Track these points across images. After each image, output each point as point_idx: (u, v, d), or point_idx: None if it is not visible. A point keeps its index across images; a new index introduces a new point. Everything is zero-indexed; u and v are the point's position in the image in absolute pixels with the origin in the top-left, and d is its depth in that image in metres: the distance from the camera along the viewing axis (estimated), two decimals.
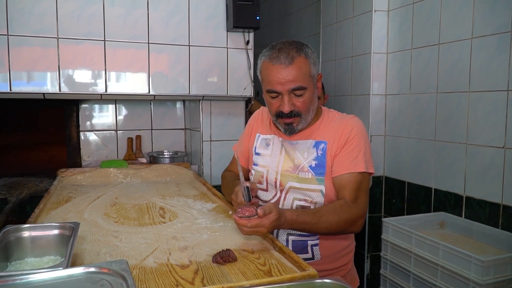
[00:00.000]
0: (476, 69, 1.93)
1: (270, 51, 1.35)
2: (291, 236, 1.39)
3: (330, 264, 1.40)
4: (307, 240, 1.39)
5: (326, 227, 1.26)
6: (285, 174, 1.42)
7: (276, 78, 1.31)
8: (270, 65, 1.33)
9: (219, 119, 2.50)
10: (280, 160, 1.44)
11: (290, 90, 1.32)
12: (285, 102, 1.32)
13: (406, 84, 2.38)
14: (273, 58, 1.32)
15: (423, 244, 1.77)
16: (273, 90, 1.33)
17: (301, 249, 1.38)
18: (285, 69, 1.30)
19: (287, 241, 1.40)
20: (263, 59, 1.37)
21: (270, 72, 1.33)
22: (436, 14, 2.15)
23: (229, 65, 2.37)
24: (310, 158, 1.39)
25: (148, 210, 1.64)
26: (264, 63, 1.36)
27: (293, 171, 1.41)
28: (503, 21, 1.79)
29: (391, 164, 2.52)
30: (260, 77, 1.41)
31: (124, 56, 2.17)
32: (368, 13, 2.50)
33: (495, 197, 1.84)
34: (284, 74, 1.30)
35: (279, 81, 1.31)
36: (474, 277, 1.51)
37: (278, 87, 1.32)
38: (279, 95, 1.34)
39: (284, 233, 1.40)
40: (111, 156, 2.67)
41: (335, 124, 1.41)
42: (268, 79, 1.34)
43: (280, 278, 0.95)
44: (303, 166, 1.39)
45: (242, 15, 2.21)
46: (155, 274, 1.01)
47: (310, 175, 1.38)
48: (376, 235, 2.44)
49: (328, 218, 1.25)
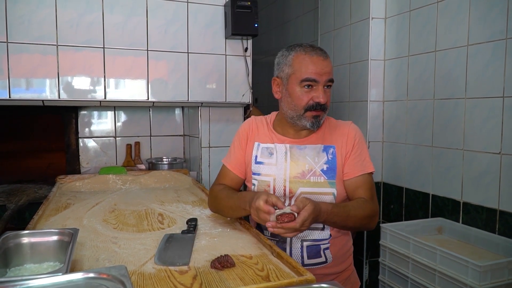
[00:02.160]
0: (472, 76, 1.95)
1: (302, 47, 1.39)
2: (305, 242, 1.42)
3: (339, 266, 1.46)
4: (320, 244, 1.42)
5: (353, 221, 1.32)
6: (294, 180, 1.42)
7: (316, 67, 1.35)
8: (308, 57, 1.37)
9: (217, 126, 2.52)
10: (286, 168, 1.44)
11: (326, 81, 1.37)
12: (322, 93, 1.37)
13: (403, 91, 2.40)
14: (310, 51, 1.37)
15: (421, 250, 1.77)
16: (312, 78, 1.36)
17: (315, 253, 1.42)
18: (324, 61, 1.37)
19: (302, 247, 1.42)
20: (297, 53, 1.39)
21: (308, 63, 1.36)
22: (433, 21, 2.17)
23: (227, 72, 2.39)
24: (322, 162, 1.43)
25: (147, 216, 1.64)
26: (299, 56, 1.38)
27: (302, 177, 1.42)
28: (498, 29, 1.82)
29: (389, 170, 2.53)
30: (290, 70, 1.40)
31: (123, 63, 2.19)
32: (365, 21, 2.53)
33: (492, 202, 1.85)
34: (323, 65, 1.36)
35: (318, 71, 1.35)
36: (472, 282, 1.52)
37: (317, 76, 1.36)
38: (314, 86, 1.37)
39: (298, 240, 1.42)
40: (110, 163, 2.67)
41: (338, 130, 1.48)
42: (306, 68, 1.36)
43: (278, 283, 0.96)
44: (315, 170, 1.42)
45: (240, 22, 2.24)
46: (153, 279, 1.02)
47: (323, 179, 1.41)
48: (374, 241, 2.45)
49: (355, 213, 1.32)
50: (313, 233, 1.42)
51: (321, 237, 1.42)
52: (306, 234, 1.41)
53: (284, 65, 1.41)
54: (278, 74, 1.45)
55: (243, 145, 1.54)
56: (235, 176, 1.55)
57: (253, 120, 1.57)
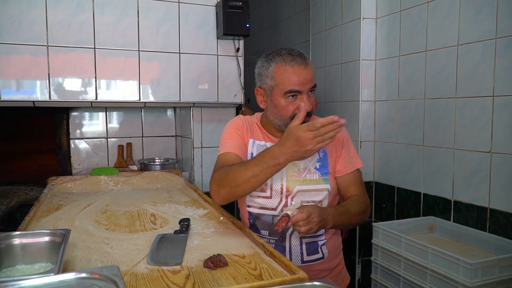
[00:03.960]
0: (462, 75, 1.97)
1: (281, 57, 1.38)
2: (304, 239, 1.45)
3: (333, 261, 1.51)
4: (318, 241, 1.47)
5: (355, 218, 1.42)
6: (291, 179, 1.45)
7: (298, 78, 1.36)
8: (289, 68, 1.36)
9: (210, 126, 2.51)
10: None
11: (309, 88, 1.39)
12: (307, 101, 1.38)
13: (394, 90, 2.42)
14: (290, 61, 1.36)
15: (412, 248, 1.79)
16: (296, 89, 1.36)
17: (313, 250, 1.46)
18: (305, 69, 1.37)
19: (301, 244, 1.45)
20: (277, 64, 1.38)
21: (290, 74, 1.36)
22: (423, 21, 2.19)
23: (219, 72, 2.39)
24: (314, 160, 1.48)
25: (139, 217, 1.64)
26: (280, 67, 1.37)
27: (298, 175, 1.45)
28: (487, 28, 1.84)
29: (380, 169, 2.55)
30: (272, 82, 1.39)
31: (114, 63, 2.18)
32: (357, 21, 2.54)
33: (482, 201, 1.87)
34: (304, 74, 1.37)
35: (301, 81, 1.36)
36: (463, 279, 1.53)
37: (300, 87, 1.36)
38: (298, 95, 1.37)
39: (297, 237, 1.45)
40: (102, 164, 2.66)
41: None
42: (289, 81, 1.36)
43: (271, 281, 0.96)
44: (309, 168, 1.47)
45: (232, 22, 2.24)
46: (146, 279, 1.01)
47: (317, 175, 1.46)
48: (366, 240, 2.46)
49: (355, 210, 1.42)
50: None
51: (318, 233, 1.44)
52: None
53: (266, 77, 1.41)
54: (260, 85, 1.45)
55: (240, 135, 1.50)
56: (239, 158, 1.44)
57: (242, 118, 1.56)
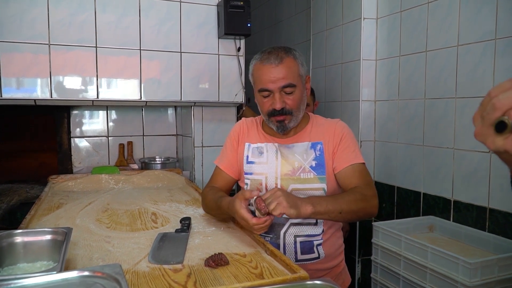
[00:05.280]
0: (462, 76, 1.98)
1: (261, 55, 1.43)
2: (299, 237, 1.44)
3: (331, 262, 1.49)
4: (313, 240, 1.45)
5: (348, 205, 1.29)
6: (285, 178, 1.46)
7: (267, 77, 1.38)
8: (261, 66, 1.40)
9: (210, 125, 2.52)
10: (277, 166, 1.47)
11: (281, 87, 1.38)
12: (277, 99, 1.39)
13: (394, 90, 2.42)
14: (264, 60, 1.40)
15: (412, 248, 1.79)
16: (265, 88, 1.39)
17: (308, 249, 1.45)
18: (275, 68, 1.37)
19: (295, 243, 1.44)
20: (254, 62, 1.45)
21: (261, 72, 1.40)
22: (423, 22, 2.20)
23: (220, 72, 2.40)
24: (310, 159, 1.46)
25: (140, 215, 1.64)
26: (256, 65, 1.44)
27: (292, 174, 1.45)
28: (487, 29, 1.84)
29: (381, 169, 2.56)
30: (252, 79, 1.47)
31: (115, 62, 2.18)
32: (357, 21, 2.55)
33: (481, 200, 1.88)
34: (274, 72, 1.37)
35: (270, 79, 1.38)
36: (462, 279, 1.54)
37: (269, 85, 1.38)
38: (271, 93, 1.40)
39: (291, 235, 1.44)
40: (103, 163, 2.67)
41: (325, 126, 1.51)
42: (260, 79, 1.40)
43: (272, 280, 0.97)
44: (304, 167, 1.45)
45: (233, 22, 2.24)
46: (147, 278, 1.02)
47: (312, 175, 1.45)
48: (366, 240, 2.47)
49: (348, 197, 1.31)
50: (306, 229, 1.45)
51: (314, 233, 1.45)
52: (300, 230, 1.44)
53: (250, 75, 1.48)
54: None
55: (234, 146, 1.58)
56: (228, 176, 1.58)
57: (243, 122, 1.62)
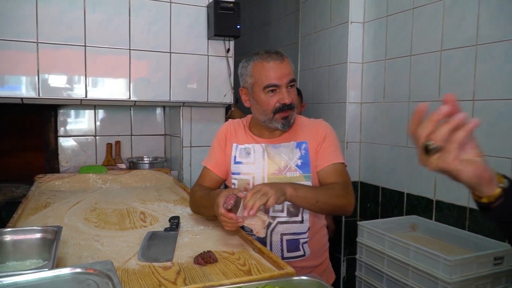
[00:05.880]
0: (445, 80, 2.04)
1: (258, 55, 1.47)
2: (285, 236, 1.49)
3: (316, 259, 1.54)
4: (299, 238, 1.50)
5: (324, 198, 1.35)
6: (272, 177, 1.50)
7: (274, 73, 1.43)
8: (265, 64, 1.44)
9: (199, 125, 2.54)
10: (264, 165, 1.51)
11: (287, 82, 1.44)
12: (286, 94, 1.44)
13: (380, 93, 2.48)
14: (266, 58, 1.45)
15: (395, 246, 1.84)
16: (274, 84, 1.43)
17: (294, 247, 1.49)
18: (281, 64, 1.44)
19: (281, 241, 1.48)
20: (254, 62, 1.47)
21: (266, 69, 1.44)
22: (408, 27, 2.25)
23: (209, 72, 2.42)
24: (296, 158, 1.51)
25: (129, 214, 1.66)
26: (257, 64, 1.46)
27: (279, 173, 1.49)
28: (469, 35, 1.90)
29: (366, 170, 2.61)
30: (252, 80, 1.48)
31: (105, 62, 2.19)
32: (345, 24, 2.59)
33: (462, 200, 1.94)
34: (281, 68, 1.43)
35: (277, 75, 1.43)
36: (443, 275, 1.59)
37: (277, 81, 1.43)
38: (277, 89, 1.44)
39: (278, 233, 1.48)
40: (90, 162, 2.66)
41: (309, 126, 1.56)
42: (266, 76, 1.44)
43: (260, 276, 1.00)
44: (290, 166, 1.50)
45: (223, 23, 2.26)
46: (138, 275, 1.04)
47: (298, 173, 1.49)
48: (352, 239, 2.52)
49: (326, 190, 1.39)
50: (292, 227, 1.49)
51: (300, 231, 1.49)
52: (286, 228, 1.48)
53: (246, 75, 1.50)
54: (243, 85, 1.54)
55: (222, 146, 1.61)
56: (215, 176, 1.60)
57: (230, 123, 1.66)
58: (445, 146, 0.70)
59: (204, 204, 1.46)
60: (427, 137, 0.70)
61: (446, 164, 0.71)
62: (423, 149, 0.72)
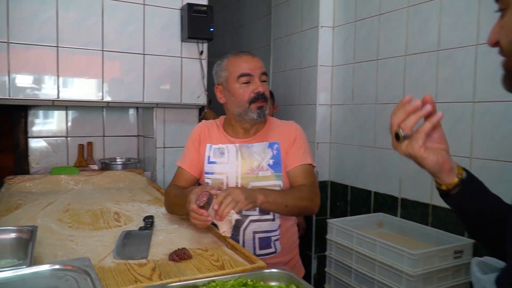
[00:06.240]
0: (409, 83, 2.14)
1: (232, 54, 1.58)
2: (257, 234, 1.55)
3: (287, 256, 1.60)
4: (271, 236, 1.56)
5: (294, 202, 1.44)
6: (245, 176, 1.55)
7: (247, 64, 1.54)
8: (238, 58, 1.56)
9: (172, 126, 2.56)
10: (238, 165, 1.57)
11: (260, 73, 1.54)
12: (259, 83, 1.53)
13: (349, 95, 2.57)
14: (239, 54, 1.57)
15: (363, 242, 1.92)
16: (247, 73, 1.53)
17: (266, 244, 1.55)
18: (253, 58, 1.57)
19: (254, 239, 1.54)
20: (228, 58, 1.58)
21: (239, 62, 1.55)
22: (375, 32, 2.35)
23: (183, 74, 2.44)
24: (268, 158, 1.57)
25: (103, 215, 1.67)
26: (231, 60, 1.57)
27: (252, 172, 1.55)
28: (431, 41, 2.01)
29: (336, 169, 2.70)
30: (226, 73, 1.57)
31: (77, 62, 2.18)
32: (315, 29, 2.68)
33: (425, 198, 2.05)
34: (253, 61, 1.56)
35: (250, 66, 1.54)
36: (407, 269, 1.68)
37: (251, 71, 1.53)
38: (251, 80, 1.53)
39: (250, 231, 1.54)
40: (61, 163, 2.63)
41: (281, 128, 1.63)
42: (240, 67, 1.54)
43: (232, 270, 1.05)
44: (262, 165, 1.56)
45: (196, 26, 2.30)
46: (114, 272, 1.07)
47: (270, 172, 1.55)
48: (322, 237, 2.59)
49: (294, 193, 1.48)
50: (264, 225, 1.55)
51: (271, 228, 1.56)
52: (258, 226, 1.54)
53: (221, 71, 1.59)
54: (218, 82, 1.62)
55: (196, 146, 1.65)
56: (190, 175, 1.64)
57: (204, 124, 1.71)
58: (412, 134, 0.78)
59: (179, 202, 1.49)
60: (398, 125, 0.78)
61: (413, 150, 0.79)
62: (394, 135, 0.80)
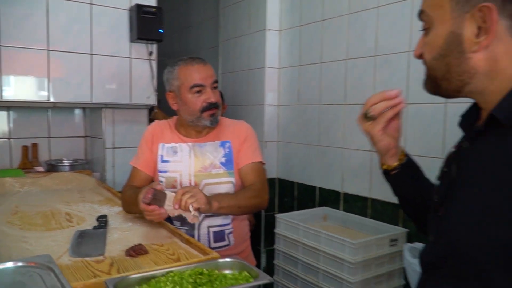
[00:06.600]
0: (350, 85, 2.31)
1: (183, 61, 1.61)
2: (212, 228, 1.62)
3: (239, 247, 1.69)
4: (224, 230, 1.64)
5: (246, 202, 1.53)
6: (198, 174, 1.62)
7: (199, 74, 1.58)
8: (190, 67, 1.59)
9: (122, 127, 2.54)
10: (191, 164, 1.63)
11: (212, 83, 1.59)
12: (211, 93, 1.59)
13: (295, 96, 2.71)
14: (191, 62, 1.60)
15: (308, 234, 2.06)
16: (199, 84, 1.57)
17: (220, 238, 1.63)
18: (204, 67, 1.60)
19: (208, 233, 1.62)
20: (179, 67, 1.60)
21: (192, 72, 1.58)
22: (318, 37, 2.50)
23: (132, 75, 2.44)
24: (220, 156, 1.65)
25: (54, 216, 1.66)
26: (182, 68, 1.60)
27: (204, 170, 1.63)
28: (369, 46, 2.19)
29: (283, 167, 2.83)
30: (178, 82, 1.60)
31: (21, 61, 2.12)
32: (262, 32, 2.78)
33: (365, 192, 2.23)
34: (205, 70, 1.59)
35: (202, 76, 1.58)
36: (348, 257, 1.83)
37: (202, 81, 1.57)
38: (203, 90, 1.58)
39: (205, 226, 1.61)
40: (4, 166, 2.53)
41: (232, 127, 1.71)
42: (191, 77, 1.57)
43: (188, 261, 1.11)
44: (215, 163, 1.64)
45: (145, 27, 2.31)
46: (72, 269, 1.09)
47: (222, 170, 1.63)
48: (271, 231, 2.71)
49: (244, 194, 1.56)
50: (218, 220, 1.63)
51: (224, 222, 1.64)
52: (212, 221, 1.62)
53: (173, 79, 1.63)
54: (170, 89, 1.66)
55: (149, 146, 1.70)
56: (145, 175, 1.69)
57: (156, 124, 1.75)
58: (377, 117, 0.89)
59: (133, 202, 1.50)
60: (370, 106, 0.89)
61: (372, 131, 0.91)
62: (363, 113, 0.90)
